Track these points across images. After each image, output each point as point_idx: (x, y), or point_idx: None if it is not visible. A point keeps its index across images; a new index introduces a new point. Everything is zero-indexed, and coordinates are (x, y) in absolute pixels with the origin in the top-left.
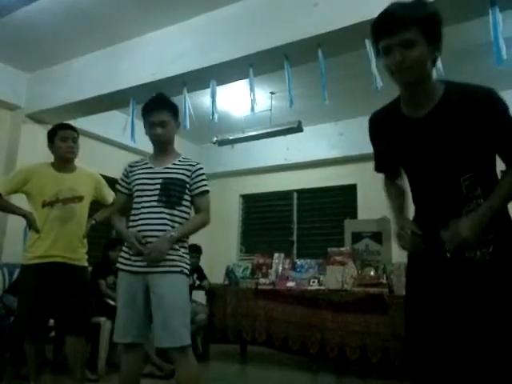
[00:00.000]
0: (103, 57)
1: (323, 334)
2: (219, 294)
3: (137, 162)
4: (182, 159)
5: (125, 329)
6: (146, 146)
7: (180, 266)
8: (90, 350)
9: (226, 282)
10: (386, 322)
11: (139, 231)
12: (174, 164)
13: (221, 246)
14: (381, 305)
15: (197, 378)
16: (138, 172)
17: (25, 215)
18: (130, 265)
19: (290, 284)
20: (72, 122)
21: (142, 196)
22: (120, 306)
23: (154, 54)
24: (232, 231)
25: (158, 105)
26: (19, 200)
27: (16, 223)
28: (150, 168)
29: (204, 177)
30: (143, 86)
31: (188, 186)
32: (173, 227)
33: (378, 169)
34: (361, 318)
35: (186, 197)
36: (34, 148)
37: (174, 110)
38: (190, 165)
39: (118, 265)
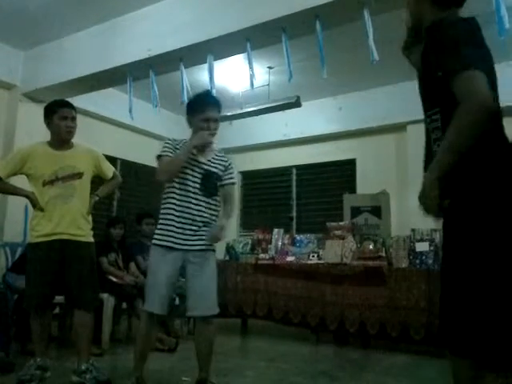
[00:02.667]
0: (98, 33)
1: (323, 306)
2: (220, 270)
3: (178, 141)
4: (218, 154)
5: (165, 300)
6: (144, 123)
7: (213, 246)
8: (94, 325)
9: (227, 258)
10: (384, 294)
11: (185, 213)
12: (214, 158)
13: None
14: (380, 277)
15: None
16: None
17: (27, 195)
18: (174, 242)
19: (290, 259)
20: (70, 100)
21: (185, 180)
22: (161, 279)
23: (149, 30)
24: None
25: (213, 101)
26: (20, 181)
27: (16, 203)
28: (194, 155)
29: (233, 170)
30: (139, 63)
31: (221, 178)
32: (209, 214)
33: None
34: (360, 291)
35: (218, 188)
36: (32, 127)
37: (220, 107)
38: (224, 160)
39: (159, 242)
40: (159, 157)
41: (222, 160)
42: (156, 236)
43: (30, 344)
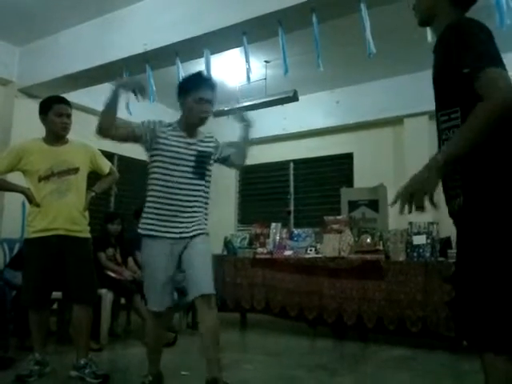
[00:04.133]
0: (94, 28)
1: (321, 300)
2: (218, 265)
3: (165, 124)
4: (207, 135)
5: (162, 297)
6: (141, 118)
7: (206, 229)
8: (93, 320)
9: (225, 253)
10: (382, 287)
11: (174, 199)
12: (203, 139)
13: (218, 217)
14: (377, 271)
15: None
16: (171, 136)
17: (23, 191)
18: (160, 230)
19: (288, 253)
20: (66, 96)
21: (175, 163)
22: (154, 273)
23: (144, 24)
24: (229, 202)
25: (207, 82)
26: (16, 178)
27: (13, 199)
28: (183, 137)
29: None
30: (135, 57)
31: (213, 156)
32: (201, 197)
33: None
34: (358, 285)
35: (211, 167)
36: (29, 122)
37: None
38: (213, 140)
39: (147, 232)
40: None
41: (211, 140)
42: (142, 225)
43: (29, 340)
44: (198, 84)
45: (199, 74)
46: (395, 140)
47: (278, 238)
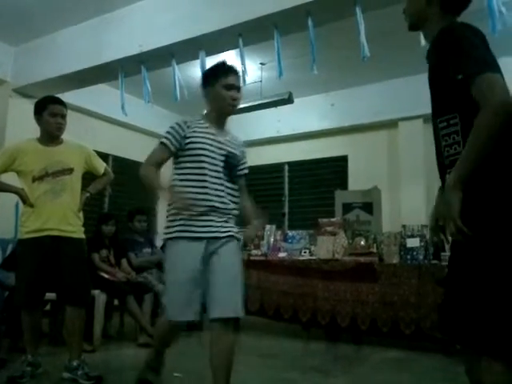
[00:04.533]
0: (89, 28)
1: (315, 302)
2: None
3: (191, 121)
4: (234, 136)
5: (187, 305)
6: (136, 120)
7: (239, 234)
8: (86, 321)
9: None
10: (375, 289)
11: (205, 200)
12: (233, 139)
13: None
14: (371, 273)
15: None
16: (201, 133)
17: (16, 192)
18: (191, 230)
19: (282, 255)
20: (61, 96)
21: (206, 162)
22: (181, 279)
23: (140, 25)
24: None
25: (235, 69)
26: (9, 178)
27: (7, 199)
28: (214, 135)
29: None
30: (131, 58)
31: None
32: (231, 201)
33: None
34: (352, 287)
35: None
36: (23, 122)
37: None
38: (241, 144)
39: (172, 234)
40: (160, 144)
41: (239, 144)
42: (170, 229)
43: (21, 341)
44: (227, 70)
45: (224, 62)
46: (390, 143)
47: (272, 239)
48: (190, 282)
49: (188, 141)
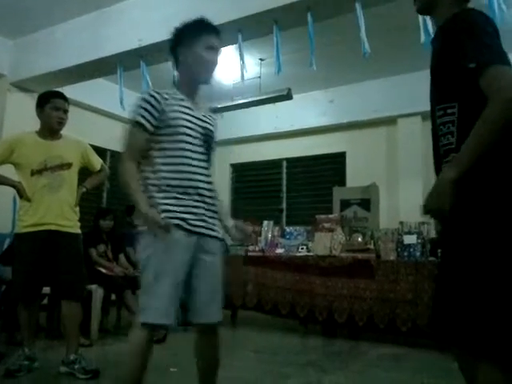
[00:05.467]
0: (88, 23)
1: (312, 298)
2: None
3: (167, 93)
4: (206, 106)
5: (171, 307)
6: None
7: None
8: (83, 316)
9: None
10: (372, 286)
11: (191, 181)
12: (207, 111)
13: None
14: (368, 270)
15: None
16: (179, 107)
17: (13, 185)
18: (185, 220)
19: (280, 251)
20: (60, 90)
21: (188, 142)
22: (169, 278)
23: (139, 19)
24: (222, 199)
25: (216, 29)
26: (5, 171)
27: (4, 193)
28: (191, 110)
29: None
30: (129, 53)
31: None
32: (211, 185)
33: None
34: (349, 283)
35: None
36: (21, 116)
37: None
38: (216, 121)
39: (170, 220)
40: (136, 124)
41: (214, 117)
42: (165, 212)
43: (19, 334)
44: (210, 28)
45: (204, 19)
46: (388, 140)
47: (270, 235)
48: (177, 285)
49: (165, 117)
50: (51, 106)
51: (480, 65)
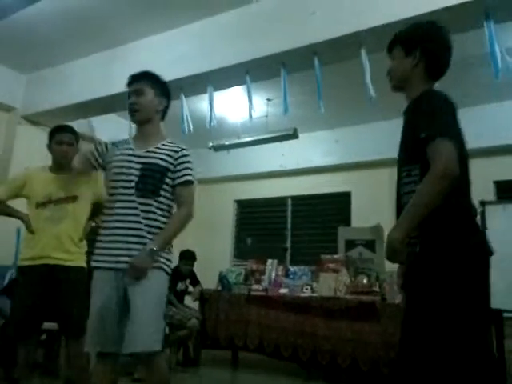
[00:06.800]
0: (100, 60)
1: (315, 341)
2: (212, 300)
3: (119, 142)
4: (166, 143)
5: (103, 335)
6: None
7: (158, 261)
8: None
9: (219, 288)
10: (377, 330)
11: (114, 228)
12: (157, 148)
13: (214, 251)
14: (373, 313)
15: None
16: (117, 154)
17: (20, 217)
18: (107, 261)
19: (283, 291)
20: (71, 124)
21: (117, 184)
22: (96, 309)
23: (150, 59)
24: (226, 236)
25: (135, 76)
26: (18, 205)
27: (8, 225)
28: (131, 150)
29: (189, 165)
30: None
31: (170, 174)
32: (147, 219)
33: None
34: (353, 326)
35: (166, 187)
36: (30, 149)
37: (152, 80)
38: (173, 150)
39: (93, 263)
40: None
41: (172, 150)
42: (93, 257)
43: (15, 370)
44: (128, 82)
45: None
46: (392, 181)
47: (273, 274)
48: (97, 317)
49: (108, 164)
50: (55, 141)
51: (428, 136)
